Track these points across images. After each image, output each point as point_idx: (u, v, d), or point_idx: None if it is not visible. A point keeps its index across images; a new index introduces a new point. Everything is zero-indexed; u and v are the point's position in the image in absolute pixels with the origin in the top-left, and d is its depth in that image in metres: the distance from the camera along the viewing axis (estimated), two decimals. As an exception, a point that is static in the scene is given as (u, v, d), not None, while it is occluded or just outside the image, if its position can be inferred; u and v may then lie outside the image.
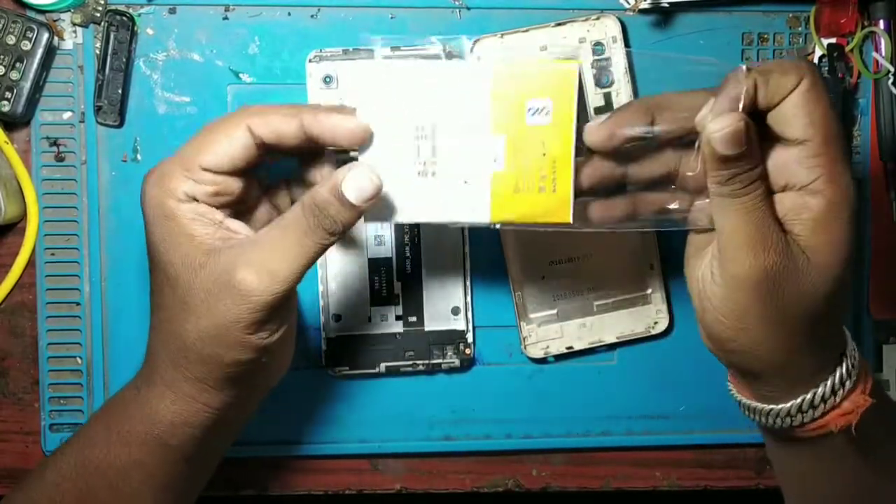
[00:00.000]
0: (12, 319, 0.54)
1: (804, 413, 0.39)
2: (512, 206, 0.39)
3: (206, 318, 0.38)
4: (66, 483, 0.41)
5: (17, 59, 0.50)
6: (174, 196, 0.38)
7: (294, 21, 0.52)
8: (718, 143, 0.35)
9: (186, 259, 0.38)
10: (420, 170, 0.39)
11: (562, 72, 0.38)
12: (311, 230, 0.37)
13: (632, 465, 0.56)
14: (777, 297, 0.36)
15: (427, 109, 0.38)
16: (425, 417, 0.55)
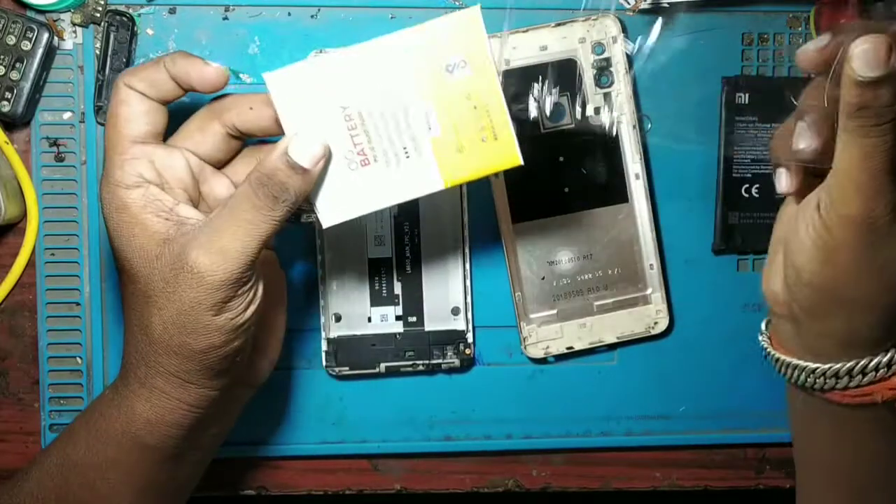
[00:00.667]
0: (12, 319, 0.54)
1: (853, 377, 0.38)
2: (460, 166, 0.39)
3: (168, 307, 0.38)
4: (48, 481, 0.42)
5: (17, 59, 0.50)
6: (121, 184, 0.38)
7: (294, 21, 0.52)
8: (857, 59, 0.32)
9: (142, 251, 0.38)
10: (361, 159, 0.39)
11: (465, 18, 0.38)
12: (260, 203, 0.37)
13: (632, 466, 0.56)
14: (876, 248, 0.34)
15: (350, 98, 0.38)
16: (425, 417, 0.55)
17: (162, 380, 0.39)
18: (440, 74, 0.38)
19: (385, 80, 0.38)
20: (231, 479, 0.55)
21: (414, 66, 0.38)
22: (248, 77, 0.52)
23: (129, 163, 0.39)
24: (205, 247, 0.37)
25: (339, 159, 0.39)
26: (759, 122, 0.53)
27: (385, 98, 0.38)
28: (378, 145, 0.39)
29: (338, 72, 0.38)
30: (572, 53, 0.52)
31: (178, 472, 0.44)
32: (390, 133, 0.39)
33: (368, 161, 0.39)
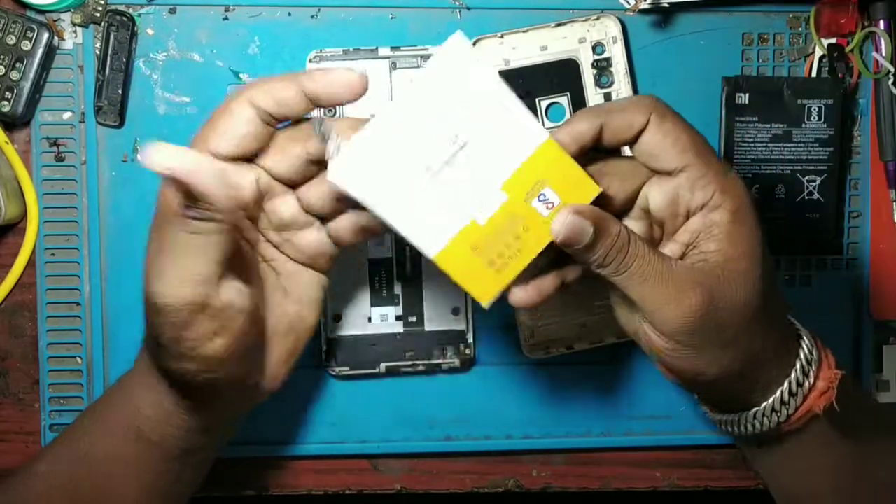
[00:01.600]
0: (12, 319, 0.54)
1: (786, 405, 0.40)
2: (457, 260, 0.37)
3: (147, 327, 0.37)
4: (54, 474, 0.42)
5: (17, 59, 0.50)
6: (174, 206, 0.36)
7: (294, 21, 0.52)
8: (564, 243, 0.36)
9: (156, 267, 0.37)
10: (432, 168, 0.36)
11: (585, 185, 0.37)
12: (168, 224, 0.35)
13: (632, 466, 0.56)
14: (717, 322, 0.37)
15: (471, 126, 0.36)
16: (425, 417, 0.55)
17: (162, 387, 0.40)
18: (532, 190, 0.37)
19: (505, 143, 0.36)
20: (231, 479, 0.55)
21: (528, 164, 0.36)
22: (248, 77, 0.52)
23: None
24: (150, 271, 0.35)
25: (416, 156, 0.36)
26: (760, 122, 0.53)
27: (489, 154, 0.36)
28: (447, 175, 0.36)
29: (489, 100, 0.36)
30: (572, 53, 0.52)
31: (182, 472, 0.44)
32: (460, 180, 0.36)
33: (435, 175, 0.36)
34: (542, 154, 0.36)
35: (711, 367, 0.38)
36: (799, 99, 0.53)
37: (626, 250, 0.36)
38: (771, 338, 0.39)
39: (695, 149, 0.37)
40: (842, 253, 0.55)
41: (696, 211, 0.38)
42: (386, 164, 0.35)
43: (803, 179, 0.54)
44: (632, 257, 0.36)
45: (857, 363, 0.56)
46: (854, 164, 0.55)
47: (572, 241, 0.36)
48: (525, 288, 0.39)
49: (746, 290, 0.37)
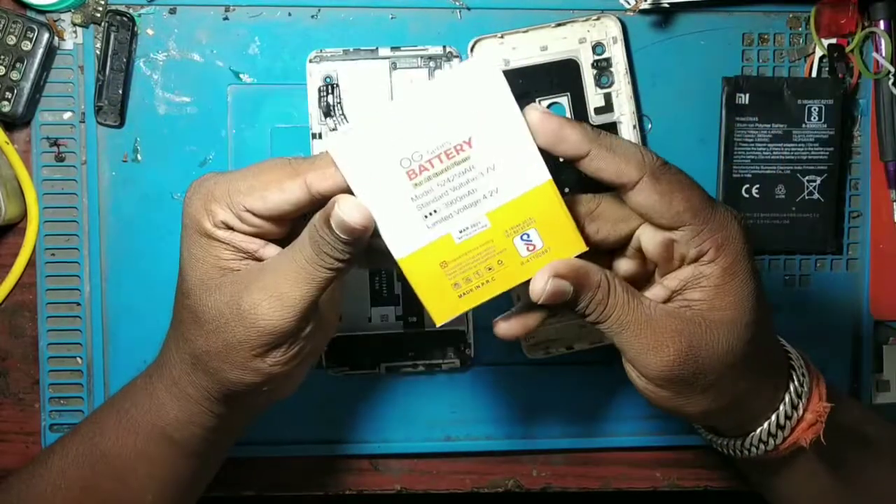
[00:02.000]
0: (12, 319, 0.54)
1: (774, 436, 0.40)
2: (422, 271, 0.36)
3: (216, 336, 0.37)
4: (72, 470, 0.41)
5: (17, 59, 0.50)
6: (212, 219, 0.37)
7: (294, 21, 0.52)
8: (545, 303, 0.36)
9: (203, 277, 0.37)
10: (426, 172, 0.35)
11: (572, 239, 0.36)
12: (315, 257, 0.36)
13: (632, 466, 0.56)
14: (696, 369, 0.37)
15: (477, 144, 0.35)
16: (425, 417, 0.55)
17: (193, 388, 0.40)
18: (517, 227, 0.36)
19: (504, 166, 0.35)
20: (231, 479, 0.55)
21: (521, 200, 0.35)
22: (248, 77, 0.52)
23: (232, 217, 0.37)
24: (264, 291, 0.36)
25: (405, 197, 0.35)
26: (760, 122, 0.53)
27: (490, 179, 0.35)
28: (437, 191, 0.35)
29: (498, 107, 0.35)
30: (572, 54, 0.52)
31: (198, 469, 0.44)
32: (452, 194, 0.35)
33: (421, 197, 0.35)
34: (538, 194, 0.35)
35: (692, 407, 0.38)
36: (799, 99, 0.53)
37: (605, 301, 0.36)
38: (759, 378, 0.39)
39: (692, 208, 0.36)
40: (842, 253, 0.55)
41: (688, 262, 0.37)
42: (383, 153, 0.35)
43: (803, 179, 0.54)
44: (611, 308, 0.36)
45: (856, 363, 0.56)
46: (854, 164, 0.55)
47: (552, 301, 0.36)
48: (510, 322, 0.39)
49: (729, 339, 0.37)
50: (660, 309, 0.37)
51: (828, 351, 0.56)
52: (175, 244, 0.52)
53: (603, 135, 0.35)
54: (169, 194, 0.53)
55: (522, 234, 0.36)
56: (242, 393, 0.39)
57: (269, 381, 0.38)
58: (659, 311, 0.37)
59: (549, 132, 0.34)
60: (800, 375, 0.40)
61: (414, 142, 0.35)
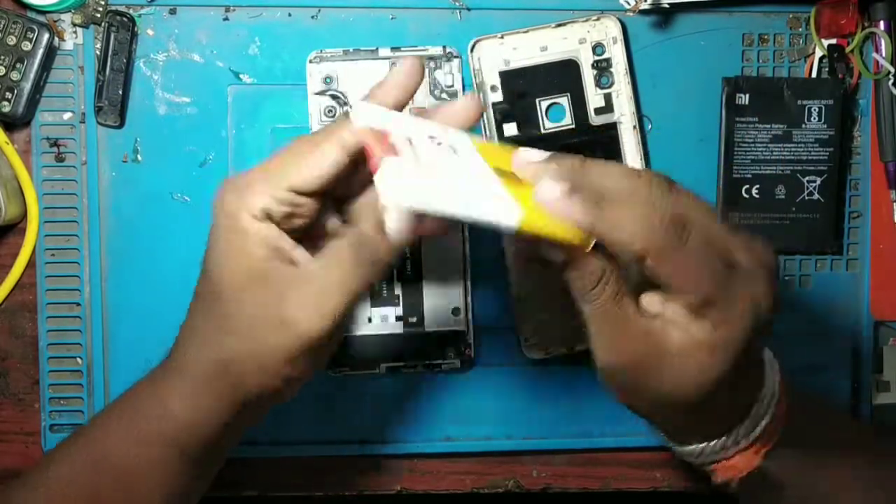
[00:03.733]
0: (12, 320, 0.54)
1: (705, 461, 0.40)
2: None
3: (248, 342, 0.37)
4: (77, 478, 0.41)
5: (17, 59, 0.50)
6: (250, 211, 0.36)
7: (294, 22, 0.52)
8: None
9: (238, 278, 0.36)
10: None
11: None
12: (358, 265, 0.36)
13: (632, 466, 0.56)
14: (644, 385, 0.36)
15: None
16: (425, 418, 0.55)
17: (210, 397, 0.39)
18: None
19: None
20: (231, 480, 0.55)
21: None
22: (248, 78, 0.52)
23: (273, 201, 0.36)
24: (307, 298, 0.36)
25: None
26: (760, 122, 0.53)
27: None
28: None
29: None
30: (573, 54, 0.52)
31: (204, 475, 0.44)
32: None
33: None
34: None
35: (637, 409, 0.39)
36: (799, 99, 0.53)
37: (598, 278, 0.35)
38: (713, 415, 0.39)
39: (704, 283, 0.34)
40: (842, 253, 0.55)
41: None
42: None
43: (803, 180, 0.54)
44: (599, 291, 0.35)
45: (857, 364, 0.56)
46: (854, 164, 0.55)
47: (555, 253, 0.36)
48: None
49: (688, 380, 0.35)
50: (639, 324, 0.35)
51: (828, 351, 0.56)
52: (175, 244, 0.53)
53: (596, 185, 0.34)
54: (169, 194, 0.53)
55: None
56: (257, 399, 0.39)
57: (288, 387, 0.38)
58: (638, 324, 0.35)
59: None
60: (751, 424, 0.39)
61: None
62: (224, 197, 0.37)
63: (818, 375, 0.55)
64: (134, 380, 0.42)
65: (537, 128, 0.52)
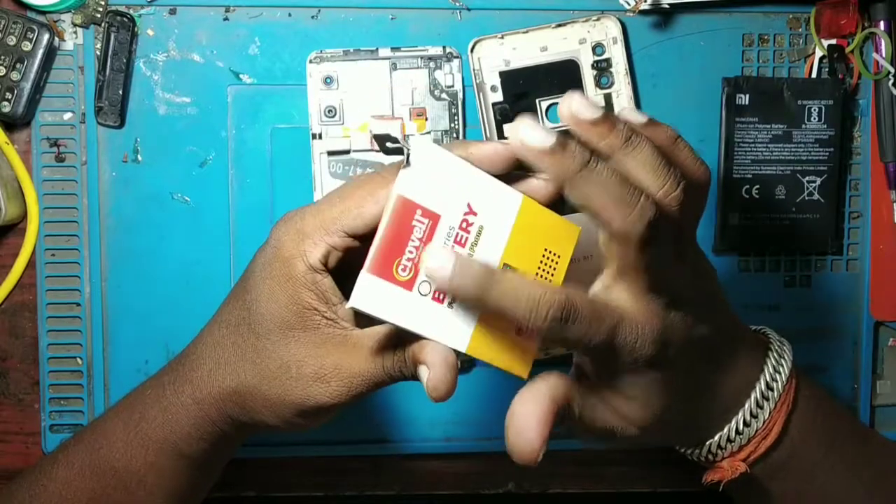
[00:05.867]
0: (13, 320, 0.54)
1: (701, 459, 0.40)
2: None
3: (270, 385, 0.37)
4: (78, 481, 0.41)
5: (17, 59, 0.50)
6: (306, 261, 0.36)
7: (294, 22, 0.52)
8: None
9: (279, 322, 0.36)
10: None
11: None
12: (390, 368, 0.37)
13: (632, 466, 0.56)
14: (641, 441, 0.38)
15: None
16: (425, 418, 0.55)
17: (217, 414, 0.39)
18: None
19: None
20: (231, 480, 0.55)
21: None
22: (248, 78, 0.52)
23: (328, 248, 0.36)
24: (337, 371, 0.37)
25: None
26: (760, 122, 0.53)
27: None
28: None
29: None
30: (573, 54, 0.52)
31: (206, 479, 0.44)
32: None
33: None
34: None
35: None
36: (799, 100, 0.53)
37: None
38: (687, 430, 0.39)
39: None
40: (842, 253, 0.55)
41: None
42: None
43: (803, 180, 0.54)
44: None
45: (857, 364, 0.56)
46: (854, 164, 0.55)
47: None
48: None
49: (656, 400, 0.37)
50: (620, 399, 0.37)
51: (828, 351, 0.56)
52: (175, 244, 0.53)
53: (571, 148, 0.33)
54: (169, 194, 0.53)
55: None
56: (261, 427, 0.40)
57: (292, 427, 0.39)
58: (621, 399, 0.37)
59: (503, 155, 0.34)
60: (734, 429, 0.39)
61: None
62: (281, 239, 0.36)
63: (818, 375, 0.55)
64: (134, 380, 0.43)
65: (537, 128, 0.52)
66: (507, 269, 0.34)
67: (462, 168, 0.34)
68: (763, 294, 0.55)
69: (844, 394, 0.56)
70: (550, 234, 0.35)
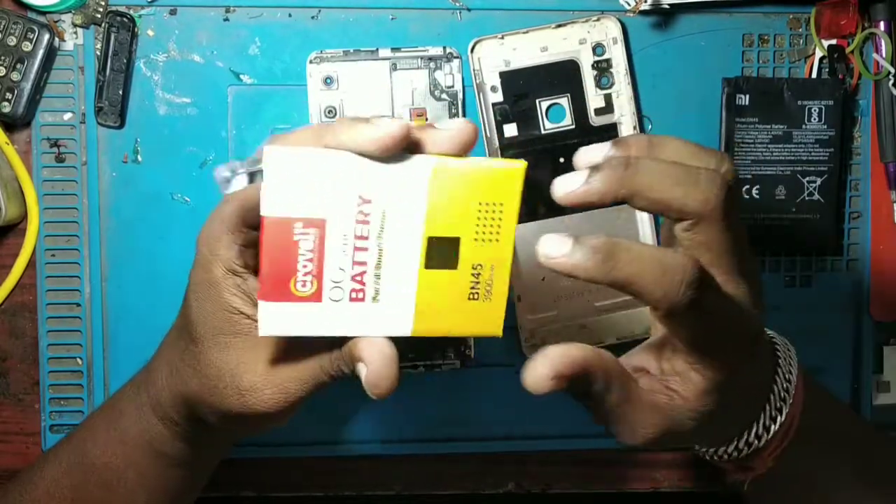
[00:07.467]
0: (13, 320, 0.54)
1: (727, 456, 0.40)
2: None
3: (209, 394, 0.36)
4: (65, 479, 0.41)
5: (17, 60, 0.50)
6: (220, 265, 0.35)
7: (295, 22, 0.52)
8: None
9: (209, 326, 0.36)
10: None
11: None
12: (328, 368, 0.36)
13: (633, 467, 0.56)
14: (676, 436, 0.37)
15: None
16: (425, 418, 0.55)
17: (179, 416, 0.39)
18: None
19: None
20: (231, 480, 0.55)
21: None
22: (249, 78, 0.52)
23: (239, 249, 0.35)
24: (269, 378, 0.35)
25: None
26: (760, 123, 0.53)
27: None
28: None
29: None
30: (573, 54, 0.52)
31: (191, 478, 0.44)
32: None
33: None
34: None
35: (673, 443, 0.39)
36: (799, 100, 0.53)
37: (600, 399, 0.35)
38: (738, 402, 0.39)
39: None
40: (842, 254, 0.55)
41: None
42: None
43: (804, 180, 0.54)
44: (602, 401, 0.35)
45: (857, 364, 0.56)
46: (854, 165, 0.55)
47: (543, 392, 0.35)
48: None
49: (704, 421, 0.36)
50: (646, 400, 0.35)
51: (828, 352, 0.56)
52: (175, 244, 0.53)
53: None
54: (169, 195, 0.53)
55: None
56: (221, 432, 0.39)
57: (241, 433, 0.39)
58: (646, 401, 0.35)
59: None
60: (754, 433, 0.39)
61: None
62: (198, 246, 0.36)
63: (818, 375, 0.55)
64: (134, 380, 0.43)
65: (537, 128, 0.52)
66: (623, 240, 0.31)
67: (334, 160, 0.31)
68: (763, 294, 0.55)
69: (844, 394, 0.56)
70: (482, 185, 0.32)
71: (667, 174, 0.31)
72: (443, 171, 0.31)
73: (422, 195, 0.31)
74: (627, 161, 0.32)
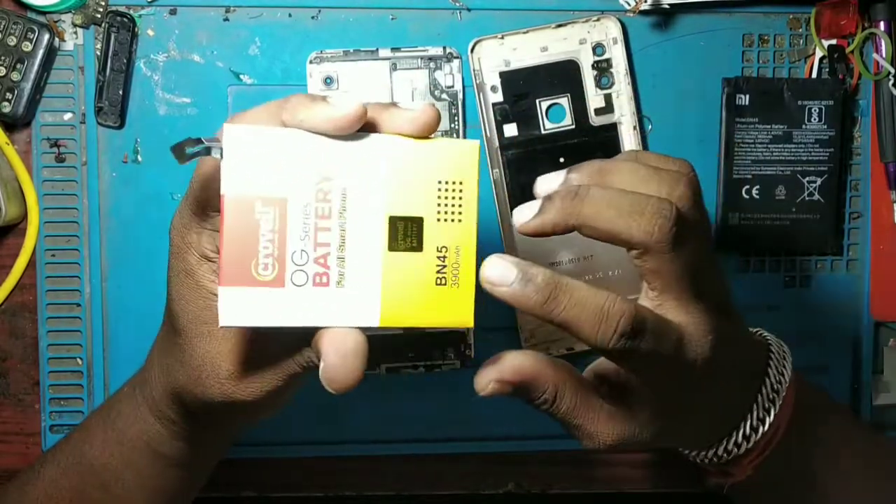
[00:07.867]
0: (13, 320, 0.54)
1: (710, 460, 0.40)
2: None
3: (194, 385, 0.36)
4: (63, 479, 0.41)
5: (17, 60, 0.50)
6: (193, 252, 0.34)
7: (295, 22, 0.52)
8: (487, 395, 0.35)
9: (197, 319, 0.35)
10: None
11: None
12: (300, 358, 0.35)
13: (632, 466, 0.56)
14: (638, 442, 0.38)
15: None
16: (425, 418, 0.55)
17: (173, 413, 0.39)
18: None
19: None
20: (231, 480, 0.55)
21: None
22: (249, 78, 0.52)
23: (208, 234, 0.34)
24: (246, 367, 0.35)
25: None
26: (760, 123, 0.53)
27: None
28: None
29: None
30: (573, 54, 0.52)
31: (188, 478, 0.44)
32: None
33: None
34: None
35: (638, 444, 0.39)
36: (799, 100, 0.53)
37: (551, 403, 0.36)
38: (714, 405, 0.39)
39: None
40: (842, 254, 0.55)
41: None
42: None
43: (804, 180, 0.54)
44: (556, 409, 0.36)
45: (857, 364, 0.56)
46: (854, 165, 0.55)
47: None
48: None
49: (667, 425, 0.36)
50: (605, 408, 0.36)
51: (828, 352, 0.56)
52: (175, 245, 0.53)
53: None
54: (169, 195, 0.53)
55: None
56: (212, 425, 0.39)
57: (232, 422, 0.39)
58: (604, 409, 0.36)
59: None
60: (737, 438, 0.39)
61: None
62: (171, 236, 0.35)
63: (818, 375, 0.55)
64: (134, 380, 0.42)
65: (537, 128, 0.52)
66: (569, 280, 0.31)
67: (292, 138, 0.30)
68: (763, 294, 0.55)
69: (844, 394, 0.56)
70: (440, 163, 0.32)
71: (613, 204, 0.31)
72: (400, 148, 0.31)
73: (381, 173, 0.31)
74: (576, 191, 0.32)
